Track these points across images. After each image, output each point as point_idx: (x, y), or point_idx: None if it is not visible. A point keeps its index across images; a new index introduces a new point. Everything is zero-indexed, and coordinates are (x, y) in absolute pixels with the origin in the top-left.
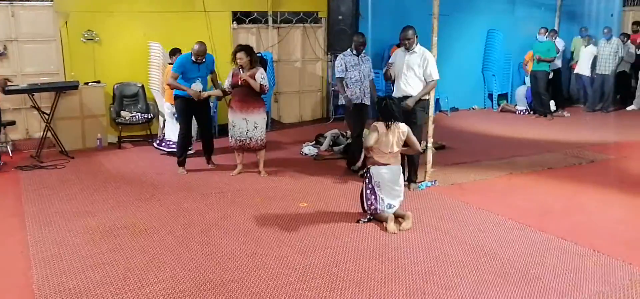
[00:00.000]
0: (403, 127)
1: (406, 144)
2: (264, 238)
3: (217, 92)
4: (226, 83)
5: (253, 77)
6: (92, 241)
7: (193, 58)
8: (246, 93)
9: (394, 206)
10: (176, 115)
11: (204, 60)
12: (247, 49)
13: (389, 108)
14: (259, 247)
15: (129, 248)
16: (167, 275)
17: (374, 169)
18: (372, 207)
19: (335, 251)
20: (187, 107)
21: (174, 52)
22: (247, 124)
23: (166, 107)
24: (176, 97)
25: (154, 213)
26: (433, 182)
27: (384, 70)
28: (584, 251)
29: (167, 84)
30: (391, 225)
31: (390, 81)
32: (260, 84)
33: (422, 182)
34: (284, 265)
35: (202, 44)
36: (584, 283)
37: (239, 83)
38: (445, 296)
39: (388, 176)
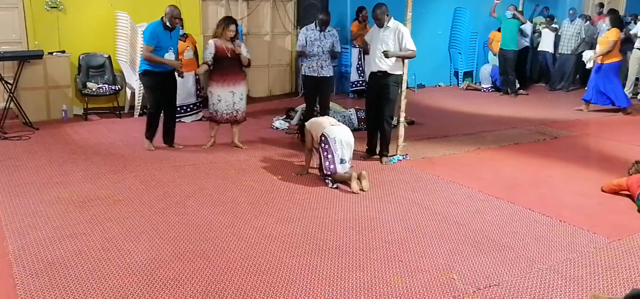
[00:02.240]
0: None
1: None
2: (241, 209)
3: (205, 66)
4: (207, 56)
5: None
6: (66, 212)
7: (168, 24)
8: (233, 65)
9: (345, 161)
10: (142, 91)
11: (177, 25)
12: (236, 22)
13: None
14: (237, 218)
15: (105, 219)
16: (145, 245)
17: (325, 131)
18: (331, 167)
19: (312, 221)
20: (159, 83)
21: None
22: (233, 97)
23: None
24: (145, 72)
25: (128, 184)
26: (404, 156)
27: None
28: (551, 221)
29: (145, 59)
30: (354, 184)
31: (366, 52)
32: (248, 58)
33: (394, 156)
34: (263, 235)
35: (175, 6)
36: (552, 251)
37: (229, 55)
38: (421, 263)
39: (339, 130)
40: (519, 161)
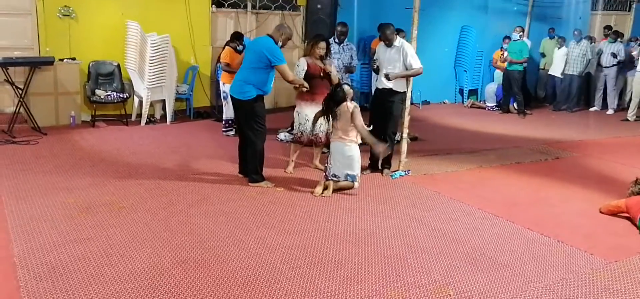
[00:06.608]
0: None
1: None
2: (243, 219)
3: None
4: (300, 73)
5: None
6: (70, 217)
7: (280, 44)
8: (324, 85)
9: (338, 176)
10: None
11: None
12: (326, 40)
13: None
14: (239, 228)
15: (109, 225)
16: (148, 252)
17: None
18: (325, 171)
19: (312, 234)
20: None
21: (237, 36)
22: None
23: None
24: (259, 98)
25: (132, 192)
26: (406, 172)
27: (371, 65)
28: (548, 241)
29: (289, 79)
30: (317, 189)
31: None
32: (338, 78)
33: (396, 172)
34: (264, 246)
35: (289, 27)
36: (549, 270)
37: (321, 75)
38: (419, 279)
39: (333, 148)
40: (520, 180)
